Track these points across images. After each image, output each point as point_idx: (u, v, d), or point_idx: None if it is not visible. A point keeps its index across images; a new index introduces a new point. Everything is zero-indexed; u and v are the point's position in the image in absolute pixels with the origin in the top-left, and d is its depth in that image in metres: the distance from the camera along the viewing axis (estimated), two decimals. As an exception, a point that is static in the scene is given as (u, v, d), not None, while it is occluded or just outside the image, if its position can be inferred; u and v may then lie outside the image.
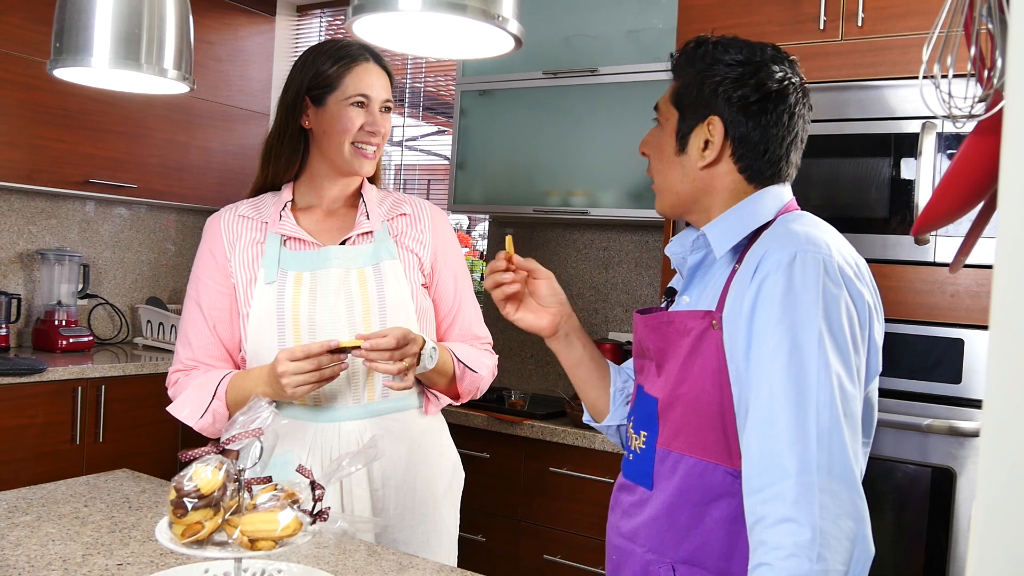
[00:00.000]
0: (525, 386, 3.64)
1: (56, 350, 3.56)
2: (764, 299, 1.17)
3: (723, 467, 1.22)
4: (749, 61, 1.29)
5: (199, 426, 1.71)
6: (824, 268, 1.16)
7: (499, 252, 1.49)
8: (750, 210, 1.29)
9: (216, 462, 1.13)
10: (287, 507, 1.15)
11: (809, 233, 1.20)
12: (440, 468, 1.82)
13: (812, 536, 1.06)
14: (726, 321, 1.22)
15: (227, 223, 1.80)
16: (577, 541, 2.86)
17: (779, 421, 1.11)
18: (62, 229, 3.87)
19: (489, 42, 1.22)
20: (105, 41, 1.43)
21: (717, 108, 1.29)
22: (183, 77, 1.54)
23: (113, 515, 1.62)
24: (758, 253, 1.21)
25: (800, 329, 1.13)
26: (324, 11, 4.44)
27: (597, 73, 3.16)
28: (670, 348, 1.30)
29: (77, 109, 3.49)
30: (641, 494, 1.33)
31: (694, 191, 1.33)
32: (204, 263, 1.78)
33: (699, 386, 1.24)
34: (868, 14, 2.40)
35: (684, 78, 1.34)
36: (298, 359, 1.56)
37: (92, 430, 3.28)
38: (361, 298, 1.70)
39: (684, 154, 1.33)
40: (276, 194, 1.84)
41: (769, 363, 1.14)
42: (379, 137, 1.77)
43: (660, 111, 1.37)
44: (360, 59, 1.76)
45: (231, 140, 4.15)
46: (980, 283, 2.21)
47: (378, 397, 1.73)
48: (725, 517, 1.23)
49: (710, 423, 1.23)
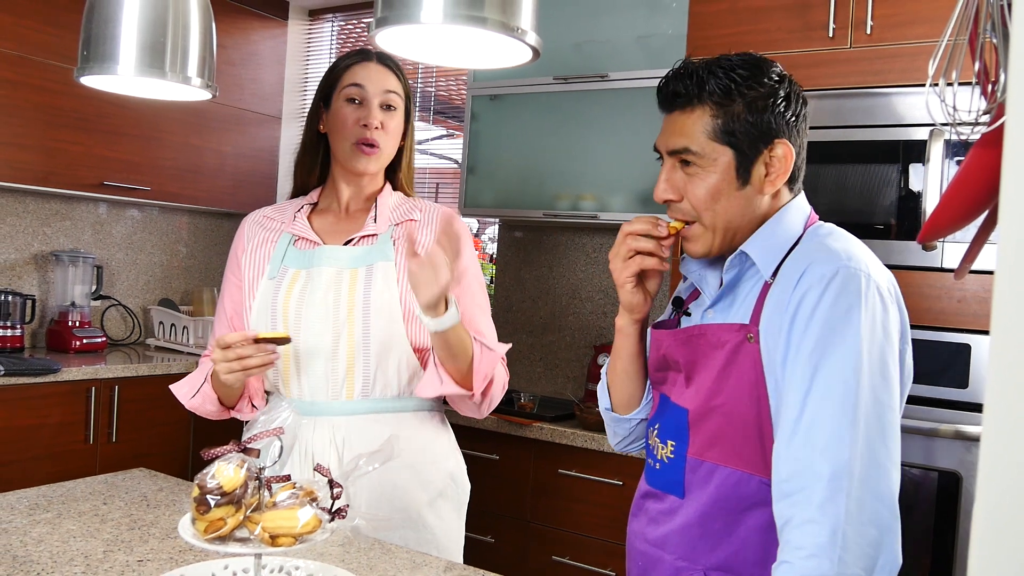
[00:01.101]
0: (534, 388, 3.66)
1: (70, 351, 3.59)
2: (804, 312, 1.18)
3: (759, 477, 1.23)
4: (781, 77, 1.30)
5: (190, 405, 1.80)
6: (865, 285, 1.17)
7: (663, 223, 1.35)
8: (784, 226, 1.30)
9: (238, 460, 1.16)
10: (306, 504, 1.18)
11: (849, 250, 1.22)
12: (430, 475, 1.80)
13: (832, 538, 1.08)
14: (764, 335, 1.23)
15: (251, 223, 1.91)
16: (585, 542, 2.87)
17: (815, 431, 1.13)
18: (76, 231, 3.91)
19: (507, 52, 1.25)
20: (131, 50, 1.47)
21: (780, 131, 1.27)
22: (206, 85, 1.59)
23: (132, 513, 1.65)
24: (796, 267, 1.22)
25: (841, 344, 1.14)
26: (336, 15, 4.48)
27: (607, 79, 3.19)
28: (701, 360, 1.30)
29: (92, 112, 3.53)
30: (672, 502, 1.34)
31: (755, 220, 1.30)
32: (229, 260, 1.91)
33: (735, 398, 1.25)
34: (877, 22, 2.42)
35: (730, 108, 1.26)
36: (223, 347, 1.60)
37: (106, 430, 3.31)
38: (347, 297, 1.73)
39: (748, 186, 1.29)
40: (304, 197, 1.91)
41: (806, 376, 1.15)
42: (374, 131, 1.78)
43: (694, 152, 1.27)
44: (361, 58, 1.82)
45: (244, 143, 4.19)
46: (987, 289, 2.23)
47: (357, 396, 1.74)
48: (760, 525, 1.24)
49: (746, 434, 1.24)
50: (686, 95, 1.28)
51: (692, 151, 1.28)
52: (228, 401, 1.81)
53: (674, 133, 1.30)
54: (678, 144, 1.29)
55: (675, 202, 1.32)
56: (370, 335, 1.72)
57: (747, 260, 1.30)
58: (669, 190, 1.31)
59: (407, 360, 1.75)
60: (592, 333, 3.59)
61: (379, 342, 1.73)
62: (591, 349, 3.54)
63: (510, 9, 1.11)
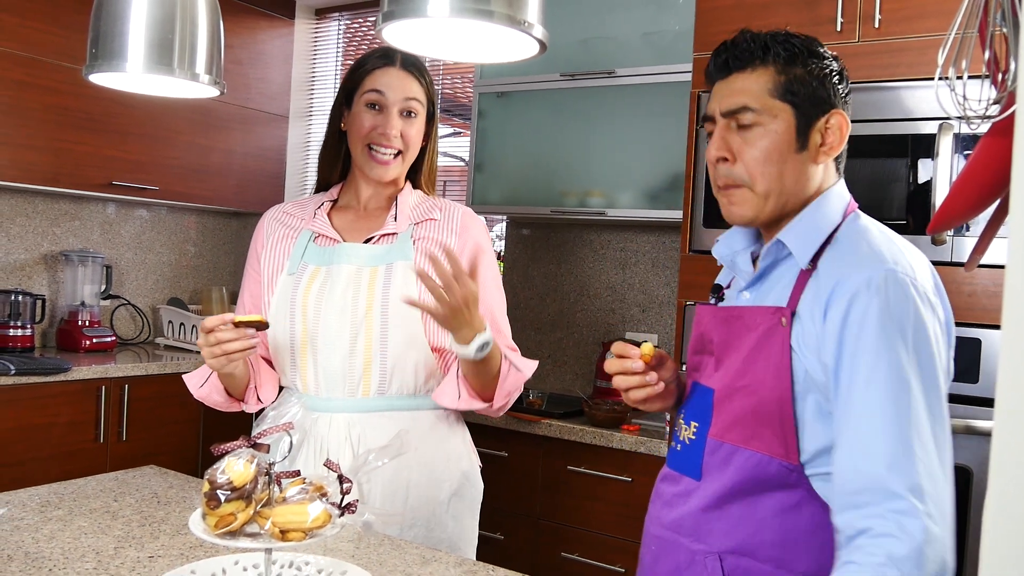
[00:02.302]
0: (543, 385, 3.66)
1: (80, 350, 3.61)
2: (855, 320, 1.17)
3: (779, 460, 1.23)
4: (834, 56, 1.32)
5: (199, 395, 1.82)
6: (914, 290, 1.18)
7: (635, 353, 1.35)
8: (822, 214, 1.30)
9: (248, 455, 1.16)
10: (316, 500, 1.18)
11: (893, 252, 1.22)
12: (443, 474, 1.79)
13: (909, 554, 1.07)
14: (800, 320, 1.23)
15: (271, 219, 1.92)
16: (595, 539, 2.87)
17: (878, 443, 1.13)
18: (85, 231, 3.92)
19: (514, 46, 1.25)
20: (139, 47, 1.47)
21: (837, 103, 1.29)
22: (214, 81, 1.59)
23: (143, 509, 1.65)
24: (839, 265, 1.23)
25: (896, 354, 1.15)
26: (343, 14, 4.48)
27: (614, 75, 3.18)
28: (734, 342, 1.31)
29: (101, 112, 3.54)
30: (687, 484, 1.34)
31: (806, 191, 1.30)
32: (249, 255, 1.91)
33: (760, 380, 1.25)
34: (885, 16, 2.41)
35: (792, 70, 1.27)
36: (205, 332, 1.60)
37: (116, 429, 3.33)
38: (366, 295, 1.73)
39: (805, 151, 1.28)
40: (325, 193, 1.92)
41: (865, 387, 1.15)
42: (392, 140, 1.78)
43: (755, 110, 1.27)
44: (385, 62, 1.81)
45: (251, 143, 4.19)
46: (997, 283, 2.22)
47: (373, 393, 1.74)
48: (779, 508, 1.24)
49: (768, 417, 1.24)
50: (748, 55, 1.28)
51: (752, 108, 1.27)
52: (234, 391, 1.81)
53: (732, 93, 1.29)
54: (736, 103, 1.28)
55: (727, 163, 1.30)
56: (388, 334, 1.72)
57: (784, 248, 1.30)
58: (723, 148, 1.29)
59: (425, 360, 1.75)
60: (600, 330, 3.59)
61: (397, 341, 1.73)
62: (599, 346, 3.54)
63: (516, 3, 1.11)
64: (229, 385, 1.79)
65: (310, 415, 1.76)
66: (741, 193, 1.30)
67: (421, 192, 1.91)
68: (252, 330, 1.62)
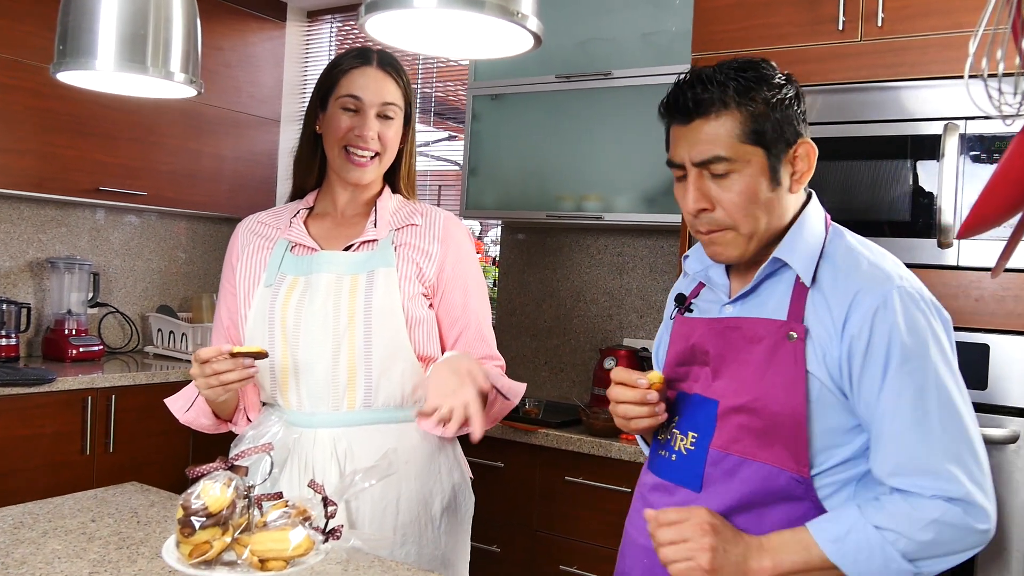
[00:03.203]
0: (539, 393, 3.60)
1: (66, 359, 3.54)
2: (880, 341, 1.21)
3: (789, 472, 1.25)
4: (785, 75, 1.31)
5: (184, 420, 1.76)
6: (923, 303, 1.24)
7: (640, 381, 1.31)
8: (810, 230, 1.32)
9: (225, 479, 1.09)
10: (298, 525, 1.12)
11: (892, 266, 1.27)
12: (434, 488, 1.74)
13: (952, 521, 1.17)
14: (814, 336, 1.25)
15: (245, 229, 1.84)
16: (594, 551, 2.81)
17: (923, 463, 1.18)
18: (72, 237, 3.85)
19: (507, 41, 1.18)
20: (110, 43, 1.39)
21: (801, 129, 1.30)
22: (190, 80, 1.51)
23: (121, 531, 1.58)
24: (845, 282, 1.25)
25: (927, 362, 1.20)
26: (335, 16, 4.42)
27: (611, 76, 3.12)
28: (731, 353, 1.31)
29: (88, 116, 3.48)
30: (684, 495, 1.32)
31: (787, 217, 1.32)
32: (224, 268, 1.85)
33: (770, 394, 1.25)
34: (888, 14, 2.36)
35: (750, 109, 1.26)
36: (200, 363, 1.54)
37: (102, 440, 3.25)
38: (348, 304, 1.67)
39: (780, 186, 1.30)
40: (300, 201, 1.85)
41: (895, 399, 1.20)
42: (369, 143, 1.71)
43: (728, 159, 1.26)
44: (361, 61, 1.74)
45: (242, 147, 4.13)
46: (1006, 287, 2.16)
47: (359, 406, 1.68)
48: (785, 520, 1.25)
49: (780, 430, 1.25)
50: (708, 101, 1.26)
51: (724, 157, 1.26)
52: (223, 414, 1.75)
53: (700, 142, 1.27)
54: (707, 153, 1.26)
55: (709, 212, 1.30)
56: (372, 343, 1.66)
57: (776, 264, 1.31)
58: (701, 199, 1.29)
59: (411, 369, 1.69)
60: (597, 336, 3.53)
61: (382, 351, 1.66)
62: (596, 352, 3.48)
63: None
64: (217, 409, 1.73)
65: (293, 432, 1.68)
66: (724, 236, 1.31)
67: (401, 196, 1.85)
68: (250, 360, 1.56)
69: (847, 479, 1.27)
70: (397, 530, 1.68)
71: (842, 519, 1.20)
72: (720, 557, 1.18)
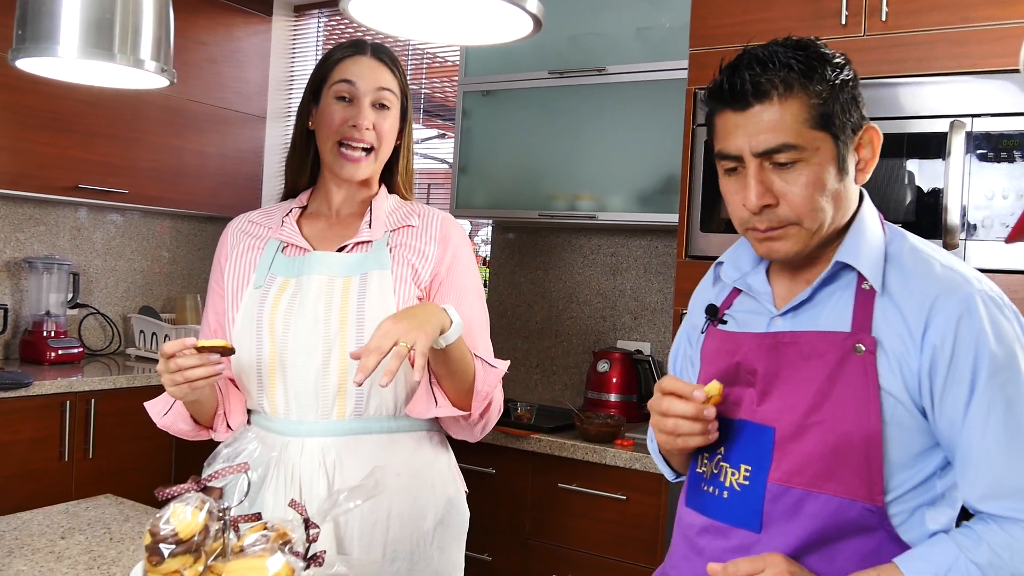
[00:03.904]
0: (531, 397, 3.52)
1: (44, 362, 3.43)
2: (966, 348, 1.11)
3: (861, 503, 1.13)
4: (843, 56, 1.20)
5: (162, 424, 1.67)
6: (1006, 308, 1.15)
7: (698, 394, 1.16)
8: (869, 227, 1.21)
9: (197, 501, 1.01)
10: (277, 551, 1.03)
11: (966, 270, 1.18)
12: (427, 502, 1.65)
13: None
14: (882, 347, 1.14)
15: (235, 228, 1.77)
16: (588, 560, 2.74)
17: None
18: (51, 236, 3.75)
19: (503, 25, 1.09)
20: (73, 28, 1.28)
21: (864, 114, 1.20)
22: (161, 69, 1.40)
23: (92, 548, 1.49)
24: (919, 287, 1.15)
25: (1018, 377, 1.11)
26: (322, 11, 4.33)
27: (605, 72, 3.05)
28: (787, 371, 1.19)
29: (67, 112, 3.38)
30: (742, 537, 1.19)
31: (850, 211, 1.21)
32: (213, 269, 1.77)
33: (839, 415, 1.13)
34: (892, 8, 2.29)
35: (816, 91, 1.14)
36: (165, 358, 1.46)
37: (81, 446, 3.15)
38: (340, 307, 1.59)
39: (847, 176, 1.19)
40: (293, 200, 1.78)
41: (987, 410, 1.11)
42: (364, 133, 1.63)
43: (795, 145, 1.13)
44: (355, 51, 1.67)
45: (227, 144, 4.04)
46: (1014, 289, 2.10)
47: (349, 415, 1.59)
48: (858, 555, 1.14)
49: (851, 456, 1.13)
50: (769, 84, 1.13)
51: (793, 145, 1.13)
52: (202, 419, 1.66)
53: (762, 130, 1.14)
54: (773, 142, 1.13)
55: (773, 208, 1.17)
56: None
57: (838, 268, 1.20)
58: (765, 194, 1.16)
59: (404, 376, 1.60)
60: (591, 338, 3.45)
61: None
62: (590, 355, 3.40)
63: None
64: (195, 412, 1.64)
65: (272, 449, 1.58)
66: (787, 231, 1.18)
67: (397, 196, 1.77)
68: (216, 356, 1.47)
69: (919, 504, 1.16)
70: (387, 546, 1.59)
71: (937, 557, 1.09)
72: None
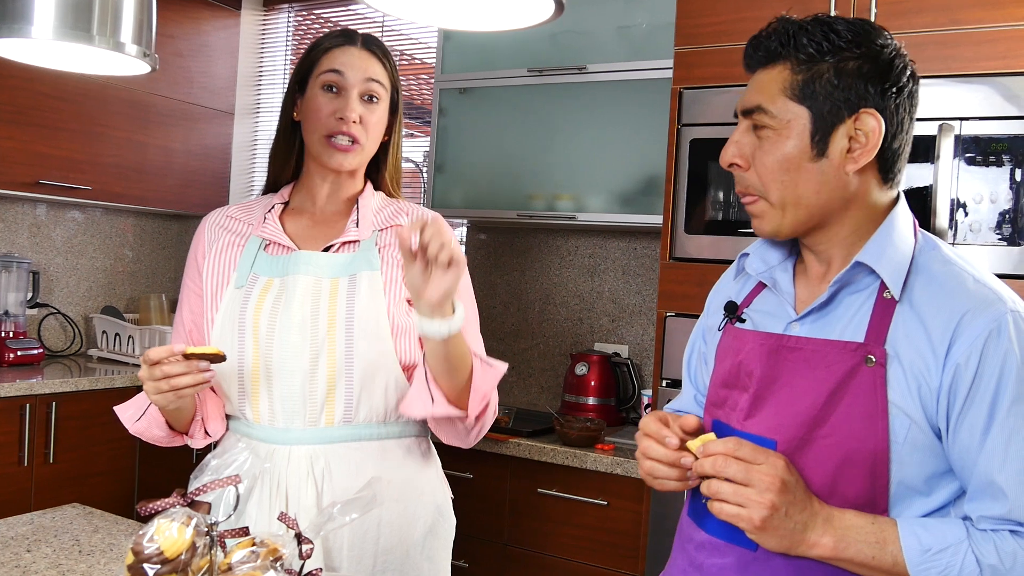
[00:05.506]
0: (508, 400, 3.46)
1: (3, 364, 3.31)
2: (991, 372, 1.05)
3: None
4: (893, 48, 1.14)
5: (135, 430, 1.60)
6: None
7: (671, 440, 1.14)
8: (899, 232, 1.15)
9: (183, 517, 0.94)
10: (268, 568, 0.97)
11: (1001, 287, 1.11)
12: (417, 510, 1.60)
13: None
14: (898, 360, 1.08)
15: (212, 223, 1.69)
16: (568, 567, 2.69)
17: None
18: (10, 234, 3.62)
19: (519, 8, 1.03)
20: (49, 6, 1.19)
21: (872, 101, 1.12)
22: (143, 54, 1.32)
23: (60, 562, 1.41)
24: (945, 301, 1.09)
25: None
26: (292, 6, 4.23)
27: (585, 71, 3.00)
28: (786, 378, 1.13)
29: (27, 104, 3.26)
30: (739, 556, 1.13)
31: (833, 202, 1.14)
32: (187, 266, 1.69)
33: (845, 429, 1.08)
34: (881, 9, 2.27)
35: (814, 67, 1.12)
36: (149, 364, 1.39)
37: (42, 450, 3.04)
38: (328, 309, 1.52)
39: (824, 158, 1.13)
40: (275, 195, 1.70)
41: (1010, 446, 1.05)
42: (350, 126, 1.57)
43: (767, 112, 1.14)
44: (344, 40, 1.61)
45: (193, 140, 3.93)
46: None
47: (338, 422, 1.53)
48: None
49: (855, 470, 1.08)
50: (768, 49, 1.15)
51: (765, 109, 1.14)
52: (178, 425, 1.58)
53: (751, 91, 1.17)
54: (752, 101, 1.16)
55: (741, 169, 1.17)
56: (354, 353, 1.51)
57: (858, 271, 1.14)
58: (736, 154, 1.17)
59: (395, 381, 1.54)
60: (568, 340, 3.40)
61: (364, 361, 1.51)
62: (567, 358, 3.35)
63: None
64: (172, 418, 1.56)
65: (264, 458, 1.52)
66: (758, 206, 1.18)
67: (383, 194, 1.71)
68: (205, 363, 1.40)
69: None
70: (378, 556, 1.53)
71: (941, 532, 1.05)
72: (777, 519, 1.03)
